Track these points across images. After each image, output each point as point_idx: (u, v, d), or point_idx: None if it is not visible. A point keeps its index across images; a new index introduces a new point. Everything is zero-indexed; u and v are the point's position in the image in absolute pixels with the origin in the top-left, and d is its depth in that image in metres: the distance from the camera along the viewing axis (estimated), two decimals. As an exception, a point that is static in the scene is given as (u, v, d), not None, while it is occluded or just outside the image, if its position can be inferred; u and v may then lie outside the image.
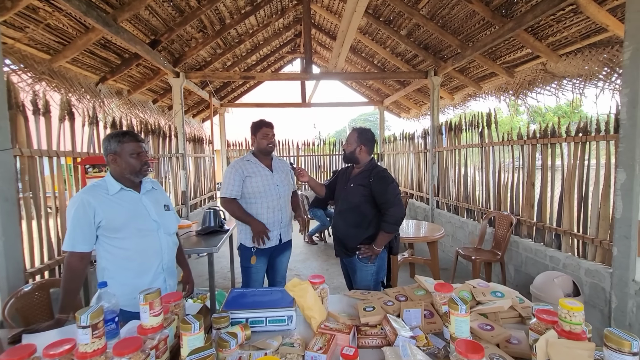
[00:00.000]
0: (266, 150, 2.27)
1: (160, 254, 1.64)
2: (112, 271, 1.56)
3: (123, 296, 1.44)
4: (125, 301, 1.46)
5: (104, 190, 1.55)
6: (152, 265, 1.62)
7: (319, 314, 1.43)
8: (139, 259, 1.59)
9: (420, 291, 1.67)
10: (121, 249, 1.55)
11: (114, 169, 1.58)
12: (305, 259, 4.90)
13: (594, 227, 2.64)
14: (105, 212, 1.50)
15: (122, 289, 1.51)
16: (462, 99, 6.04)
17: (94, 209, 1.49)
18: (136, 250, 1.57)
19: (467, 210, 4.63)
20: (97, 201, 1.50)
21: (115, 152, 1.55)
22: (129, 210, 1.57)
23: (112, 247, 1.55)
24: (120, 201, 1.56)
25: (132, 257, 1.57)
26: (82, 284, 1.55)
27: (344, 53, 4.70)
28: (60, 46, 3.28)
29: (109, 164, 1.58)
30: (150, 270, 1.62)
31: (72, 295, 1.51)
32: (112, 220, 1.52)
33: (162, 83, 5.40)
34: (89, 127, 2.94)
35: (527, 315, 1.45)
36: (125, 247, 1.56)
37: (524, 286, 3.28)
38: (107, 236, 1.54)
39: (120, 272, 1.57)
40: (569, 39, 3.49)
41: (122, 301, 1.44)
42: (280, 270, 2.42)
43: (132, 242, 1.56)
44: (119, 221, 1.53)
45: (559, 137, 3.02)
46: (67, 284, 1.49)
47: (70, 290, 1.50)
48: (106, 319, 1.19)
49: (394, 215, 1.99)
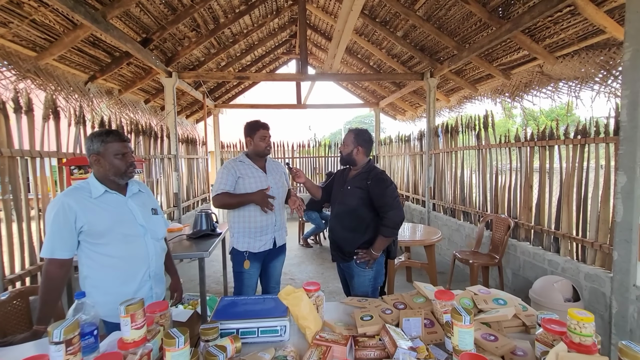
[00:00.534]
0: (264, 152, 2.19)
1: (147, 260, 1.56)
2: (95, 279, 1.47)
3: (106, 306, 1.36)
4: (109, 311, 1.37)
5: (86, 192, 1.45)
6: (139, 273, 1.54)
7: (314, 323, 1.36)
8: (124, 266, 1.50)
9: (420, 298, 1.61)
10: (105, 256, 1.46)
11: (97, 170, 1.49)
12: (299, 263, 4.81)
13: (594, 230, 2.60)
14: (87, 217, 1.41)
15: (105, 297, 1.43)
16: (457, 101, 6.02)
17: (75, 212, 1.39)
18: (121, 257, 1.48)
19: (463, 213, 4.59)
20: (78, 205, 1.41)
21: (98, 152, 1.45)
22: (114, 214, 1.48)
23: (95, 253, 1.46)
24: (104, 205, 1.47)
25: (116, 264, 1.48)
26: (62, 292, 1.45)
27: (340, 54, 4.64)
28: (47, 43, 3.17)
29: (91, 165, 1.49)
30: (136, 277, 1.53)
31: (51, 305, 1.42)
32: (95, 225, 1.43)
33: (154, 83, 5.29)
34: (75, 126, 2.83)
35: (532, 324, 1.39)
36: (110, 254, 1.47)
37: (521, 290, 3.24)
38: (90, 242, 1.45)
39: (103, 280, 1.47)
40: (566, 40, 3.47)
41: (105, 311, 1.36)
42: (274, 275, 2.34)
43: (116, 248, 1.47)
44: (103, 226, 1.44)
45: (557, 139, 2.98)
46: (45, 294, 1.40)
47: (48, 300, 1.40)
48: (84, 332, 1.11)
49: (392, 219, 1.92)
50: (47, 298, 1.40)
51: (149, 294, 1.57)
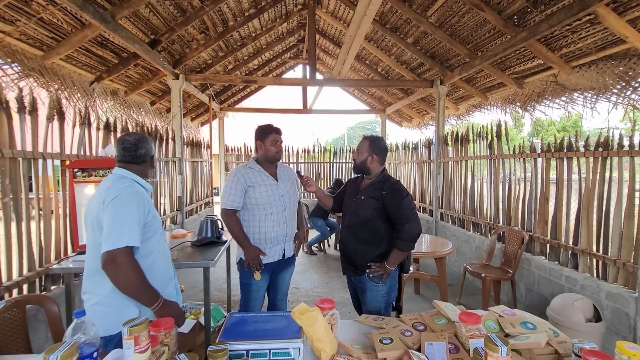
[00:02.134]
0: (274, 158, 2.10)
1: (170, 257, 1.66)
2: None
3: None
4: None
5: (142, 189, 1.49)
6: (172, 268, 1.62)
7: (329, 346, 1.25)
8: (165, 264, 1.56)
9: (441, 319, 1.50)
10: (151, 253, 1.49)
11: (147, 170, 1.58)
12: (304, 271, 4.70)
13: (616, 247, 2.49)
14: (152, 211, 1.48)
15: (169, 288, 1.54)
16: (466, 110, 5.94)
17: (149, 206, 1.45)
18: (163, 253, 1.56)
19: (473, 224, 4.47)
20: (147, 199, 1.47)
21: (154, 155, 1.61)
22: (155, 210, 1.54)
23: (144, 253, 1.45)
24: (151, 202, 1.52)
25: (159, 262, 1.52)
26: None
27: (350, 59, 4.58)
28: (54, 42, 3.11)
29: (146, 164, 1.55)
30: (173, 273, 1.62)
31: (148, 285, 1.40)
32: (155, 219, 1.49)
33: (160, 85, 5.24)
34: (80, 127, 2.76)
35: (565, 352, 1.28)
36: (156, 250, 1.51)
37: (536, 307, 3.12)
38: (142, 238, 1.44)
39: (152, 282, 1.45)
40: (583, 50, 3.38)
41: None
42: (282, 287, 2.23)
43: (160, 245, 1.53)
44: (158, 221, 1.52)
45: (577, 151, 2.88)
46: (140, 277, 1.36)
47: (146, 281, 1.38)
48: (83, 354, 1.01)
49: (409, 232, 1.83)
50: (146, 281, 1.36)
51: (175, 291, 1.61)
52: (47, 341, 2.03)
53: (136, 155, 1.51)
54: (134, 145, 1.50)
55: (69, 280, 2.18)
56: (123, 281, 1.31)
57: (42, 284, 2.31)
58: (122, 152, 1.51)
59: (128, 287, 1.32)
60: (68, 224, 2.54)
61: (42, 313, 1.74)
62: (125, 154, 1.50)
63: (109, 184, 1.42)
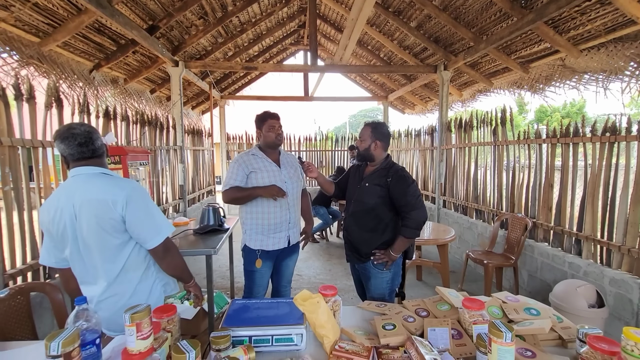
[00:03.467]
0: (274, 143, 2.08)
1: None
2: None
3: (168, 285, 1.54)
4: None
5: None
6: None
7: (332, 332, 1.25)
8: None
9: (444, 305, 1.50)
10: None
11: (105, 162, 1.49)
12: (307, 258, 4.72)
13: (621, 233, 2.46)
14: None
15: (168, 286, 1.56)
16: (471, 95, 5.84)
17: None
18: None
19: (476, 211, 4.45)
20: None
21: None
22: None
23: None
24: None
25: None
26: None
27: (352, 45, 4.47)
28: (50, 28, 3.05)
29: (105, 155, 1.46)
30: None
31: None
32: None
33: (160, 72, 5.17)
34: (79, 115, 2.73)
35: (569, 337, 1.27)
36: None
37: (538, 293, 3.12)
38: None
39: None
40: (592, 32, 3.28)
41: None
42: (286, 274, 2.24)
43: None
44: None
45: (583, 136, 2.83)
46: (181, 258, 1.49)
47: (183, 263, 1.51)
48: (85, 341, 1.01)
49: (415, 219, 1.81)
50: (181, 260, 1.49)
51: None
52: (52, 328, 2.06)
53: (96, 147, 1.34)
54: (89, 138, 1.32)
55: (72, 268, 2.20)
56: (176, 264, 1.45)
57: (47, 272, 2.32)
58: (79, 149, 1.30)
59: (178, 268, 1.46)
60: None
61: (47, 300, 1.75)
62: (83, 150, 1.31)
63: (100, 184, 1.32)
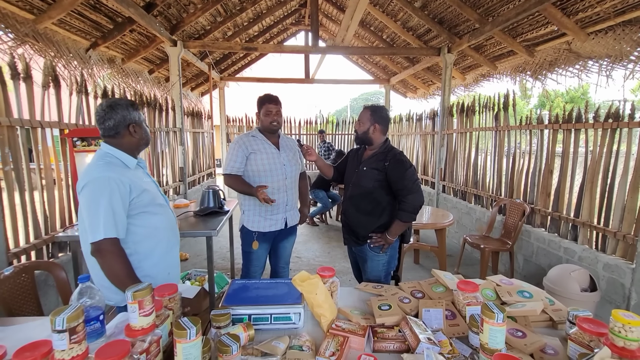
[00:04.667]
0: (270, 128, 2.08)
1: (176, 228, 1.58)
2: (142, 253, 1.40)
3: (158, 276, 1.40)
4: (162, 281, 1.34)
5: (121, 166, 1.36)
6: (174, 241, 1.55)
7: (329, 312, 1.29)
8: (164, 236, 1.48)
9: (439, 287, 1.53)
10: (145, 228, 1.41)
11: (130, 141, 1.39)
12: (306, 241, 4.79)
13: (617, 219, 2.49)
14: (135, 189, 1.34)
15: (156, 269, 1.44)
16: (474, 79, 5.75)
17: (128, 186, 1.32)
18: (160, 227, 1.46)
19: (475, 196, 4.47)
20: (125, 178, 1.32)
21: (136, 121, 1.39)
22: (147, 185, 1.43)
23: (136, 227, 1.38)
24: (138, 176, 1.41)
25: (158, 234, 1.45)
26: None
27: (354, 25, 4.37)
28: (45, 5, 2.98)
29: (123, 135, 1.37)
30: (175, 246, 1.55)
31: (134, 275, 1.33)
32: (142, 197, 1.36)
33: (158, 52, 5.08)
34: (77, 96, 2.70)
35: (560, 319, 1.31)
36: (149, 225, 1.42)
37: (533, 277, 3.18)
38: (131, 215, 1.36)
39: (150, 252, 1.43)
40: (600, 15, 3.20)
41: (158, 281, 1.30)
42: (284, 256, 2.28)
43: (156, 218, 1.44)
44: (147, 198, 1.39)
45: (586, 122, 2.81)
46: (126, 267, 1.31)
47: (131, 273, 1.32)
48: (89, 317, 1.05)
49: (412, 203, 1.82)
50: (131, 271, 1.32)
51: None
52: (57, 304, 2.12)
53: (105, 128, 1.34)
54: (101, 117, 1.33)
55: (75, 248, 2.24)
56: (107, 271, 1.29)
57: (50, 251, 2.36)
58: (97, 126, 1.37)
59: (112, 277, 1.29)
60: (71, 193, 2.56)
61: (52, 278, 1.79)
62: (99, 127, 1.36)
63: (88, 165, 1.34)
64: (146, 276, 1.38)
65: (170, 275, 1.51)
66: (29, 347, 0.88)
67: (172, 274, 1.53)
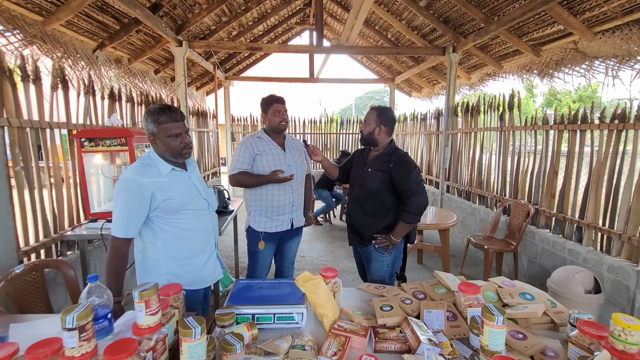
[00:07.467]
0: (279, 128, 2.09)
1: (212, 232, 1.64)
2: (171, 251, 1.49)
3: (183, 276, 1.47)
4: (186, 280, 1.45)
5: (155, 170, 1.43)
6: (207, 244, 1.60)
7: (331, 312, 1.31)
8: (196, 238, 1.55)
9: (441, 289, 1.54)
10: (179, 229, 1.48)
11: (156, 150, 1.47)
12: (310, 240, 4.81)
13: (623, 221, 2.47)
14: (163, 195, 1.41)
15: (182, 269, 1.51)
16: (479, 79, 5.72)
17: (152, 192, 1.39)
18: (193, 230, 1.52)
19: (479, 197, 4.46)
20: (153, 184, 1.40)
21: (153, 133, 1.43)
22: (184, 190, 1.49)
23: (170, 226, 1.47)
24: (174, 181, 1.47)
25: (189, 236, 1.52)
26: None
27: (359, 24, 4.37)
28: (54, 7, 3.02)
29: (153, 142, 1.46)
30: (205, 248, 1.60)
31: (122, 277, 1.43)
32: (171, 202, 1.43)
33: (164, 52, 5.12)
34: (84, 96, 2.74)
35: (561, 321, 1.32)
36: (183, 227, 1.49)
37: (537, 278, 3.17)
38: (164, 217, 1.45)
39: (179, 252, 1.50)
40: (608, 14, 3.17)
41: (183, 281, 1.39)
42: (289, 256, 2.30)
43: (189, 222, 1.51)
44: (178, 203, 1.45)
45: (591, 123, 2.79)
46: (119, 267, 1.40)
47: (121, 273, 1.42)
48: (98, 315, 1.08)
49: (416, 205, 1.83)
50: (120, 271, 1.41)
51: (214, 264, 1.66)
52: (66, 302, 2.16)
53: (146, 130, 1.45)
54: (144, 120, 1.45)
55: (83, 246, 2.28)
56: (106, 261, 1.39)
57: (59, 249, 2.41)
58: None
59: (106, 267, 1.39)
60: (79, 192, 2.60)
61: (60, 276, 1.83)
62: None
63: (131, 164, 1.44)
64: (170, 274, 1.47)
65: (195, 278, 1.54)
66: (40, 344, 0.91)
67: (197, 277, 1.56)
